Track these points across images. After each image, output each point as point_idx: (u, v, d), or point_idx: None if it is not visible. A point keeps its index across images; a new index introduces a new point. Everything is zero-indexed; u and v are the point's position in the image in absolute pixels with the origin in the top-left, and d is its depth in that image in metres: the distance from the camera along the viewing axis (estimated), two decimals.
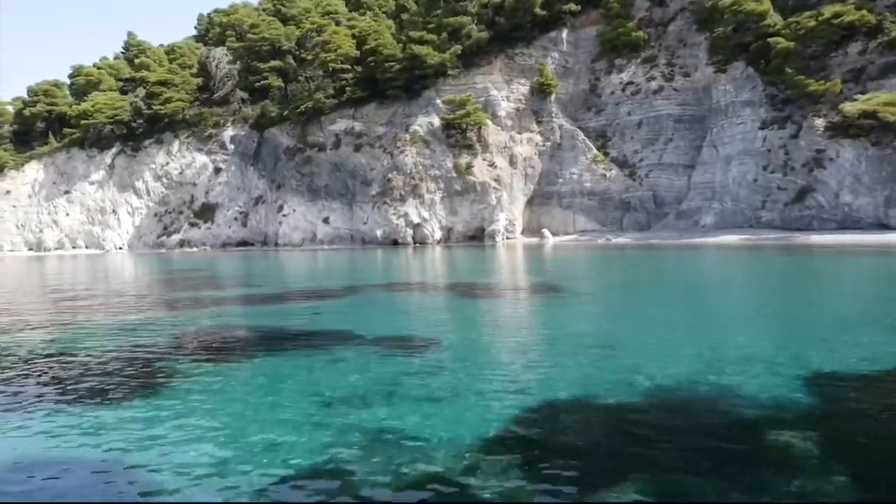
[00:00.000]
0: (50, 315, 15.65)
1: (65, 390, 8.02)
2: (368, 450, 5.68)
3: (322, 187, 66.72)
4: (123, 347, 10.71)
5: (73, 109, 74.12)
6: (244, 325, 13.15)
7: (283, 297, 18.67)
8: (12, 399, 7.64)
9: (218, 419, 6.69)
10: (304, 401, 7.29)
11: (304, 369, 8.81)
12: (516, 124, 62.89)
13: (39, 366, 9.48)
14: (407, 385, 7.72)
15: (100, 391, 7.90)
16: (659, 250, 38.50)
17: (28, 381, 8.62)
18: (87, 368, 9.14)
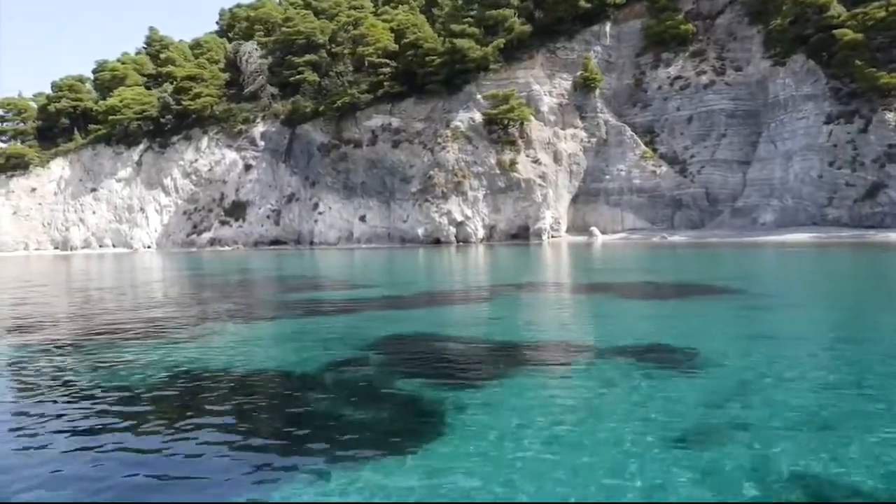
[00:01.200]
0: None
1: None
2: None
3: (358, 185, 65.13)
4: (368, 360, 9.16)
5: (100, 105, 72.49)
6: (458, 337, 11.15)
7: (438, 299, 16.95)
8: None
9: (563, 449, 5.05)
10: (657, 432, 5.54)
11: (615, 390, 7.20)
12: (559, 120, 61.32)
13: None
14: (756, 411, 6.11)
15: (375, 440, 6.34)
16: (731, 248, 36.86)
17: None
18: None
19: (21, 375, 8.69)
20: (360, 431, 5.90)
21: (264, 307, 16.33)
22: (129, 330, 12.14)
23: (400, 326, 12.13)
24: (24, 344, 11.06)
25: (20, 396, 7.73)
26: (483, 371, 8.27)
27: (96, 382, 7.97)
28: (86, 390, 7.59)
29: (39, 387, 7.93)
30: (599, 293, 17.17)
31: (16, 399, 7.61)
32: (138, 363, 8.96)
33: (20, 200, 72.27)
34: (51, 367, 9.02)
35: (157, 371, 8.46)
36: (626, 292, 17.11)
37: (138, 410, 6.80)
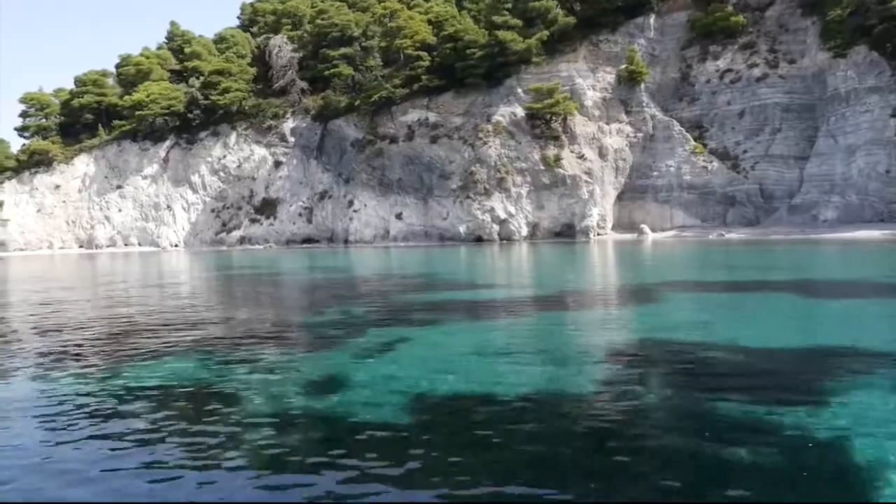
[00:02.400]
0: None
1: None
2: None
3: (394, 181, 63.40)
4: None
5: (126, 100, 70.71)
6: (714, 344, 9.59)
7: (603, 299, 15.34)
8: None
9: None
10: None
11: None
12: (603, 114, 59.69)
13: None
14: None
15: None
16: (807, 245, 35.09)
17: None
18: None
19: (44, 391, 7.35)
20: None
21: (414, 311, 14.62)
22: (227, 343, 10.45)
23: (625, 332, 10.45)
24: (43, 352, 9.48)
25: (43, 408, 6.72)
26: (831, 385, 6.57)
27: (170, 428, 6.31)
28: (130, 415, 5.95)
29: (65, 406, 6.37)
30: (780, 292, 15.48)
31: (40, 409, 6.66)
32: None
33: (44, 198, 70.53)
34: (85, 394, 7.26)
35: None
36: (806, 291, 15.43)
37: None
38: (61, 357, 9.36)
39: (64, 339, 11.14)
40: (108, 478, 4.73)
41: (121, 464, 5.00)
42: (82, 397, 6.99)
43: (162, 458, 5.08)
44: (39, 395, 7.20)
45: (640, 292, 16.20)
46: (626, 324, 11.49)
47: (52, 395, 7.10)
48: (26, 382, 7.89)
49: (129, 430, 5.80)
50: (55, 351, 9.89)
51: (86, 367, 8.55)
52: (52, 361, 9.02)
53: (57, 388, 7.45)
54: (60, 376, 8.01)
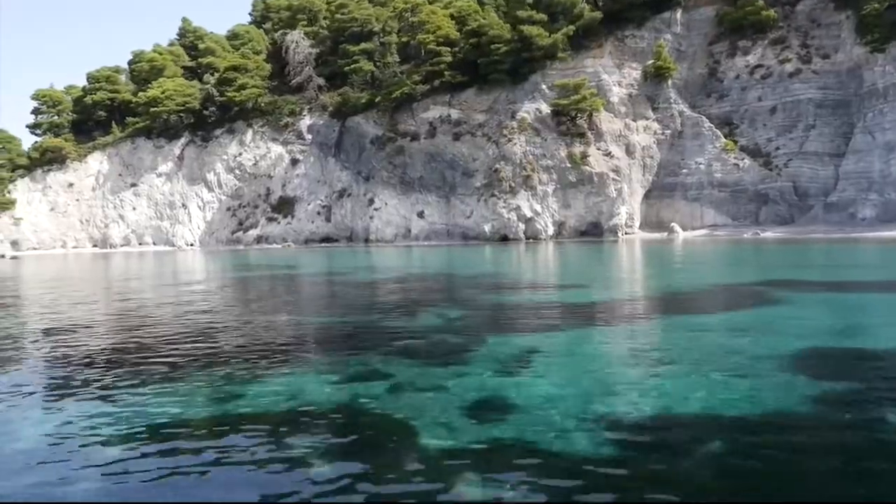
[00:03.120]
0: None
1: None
2: None
3: (416, 179, 62.27)
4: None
5: (140, 97, 69.50)
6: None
7: (724, 302, 14.29)
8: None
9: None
10: None
11: None
12: (630, 111, 58.55)
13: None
14: None
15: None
16: (850, 245, 33.94)
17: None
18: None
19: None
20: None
21: (516, 315, 13.46)
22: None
23: (777, 337, 9.30)
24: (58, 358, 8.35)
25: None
26: None
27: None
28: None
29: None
30: (890, 292, 14.36)
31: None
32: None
33: (57, 196, 69.36)
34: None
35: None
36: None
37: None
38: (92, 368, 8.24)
39: (95, 345, 10.04)
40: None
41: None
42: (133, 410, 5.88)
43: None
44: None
45: (750, 293, 15.05)
46: (768, 328, 10.30)
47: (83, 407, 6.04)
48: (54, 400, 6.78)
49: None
50: (84, 361, 8.77)
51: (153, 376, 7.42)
52: (80, 373, 7.90)
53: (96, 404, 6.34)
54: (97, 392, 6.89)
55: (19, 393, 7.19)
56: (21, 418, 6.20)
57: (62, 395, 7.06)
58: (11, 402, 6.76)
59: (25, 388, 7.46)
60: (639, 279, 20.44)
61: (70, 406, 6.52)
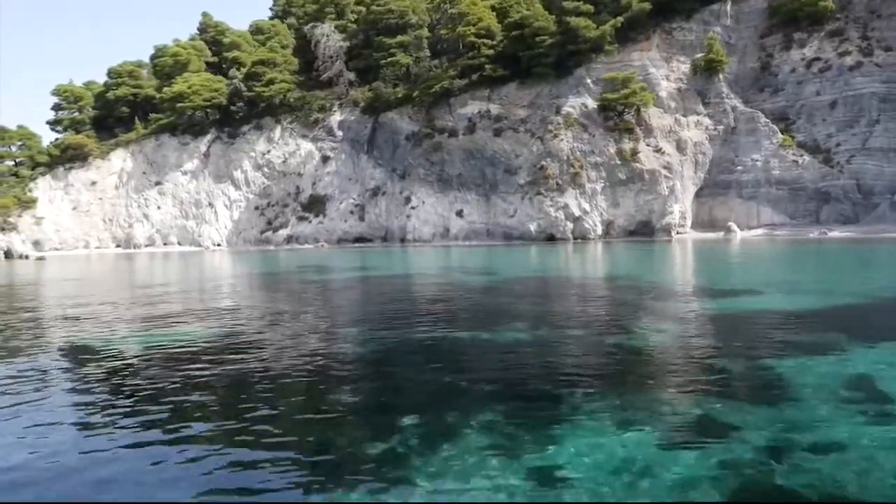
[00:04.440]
0: None
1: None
2: None
3: (454, 177, 60.02)
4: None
5: (165, 92, 67.18)
6: None
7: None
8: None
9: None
10: None
11: None
12: (679, 106, 56.39)
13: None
14: None
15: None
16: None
17: None
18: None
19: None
20: None
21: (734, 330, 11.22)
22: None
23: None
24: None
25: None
26: None
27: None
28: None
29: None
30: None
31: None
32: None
33: (80, 195, 67.03)
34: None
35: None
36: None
37: None
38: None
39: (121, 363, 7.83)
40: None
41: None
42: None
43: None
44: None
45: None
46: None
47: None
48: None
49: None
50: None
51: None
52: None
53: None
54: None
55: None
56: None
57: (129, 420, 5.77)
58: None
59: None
60: (818, 282, 18.04)
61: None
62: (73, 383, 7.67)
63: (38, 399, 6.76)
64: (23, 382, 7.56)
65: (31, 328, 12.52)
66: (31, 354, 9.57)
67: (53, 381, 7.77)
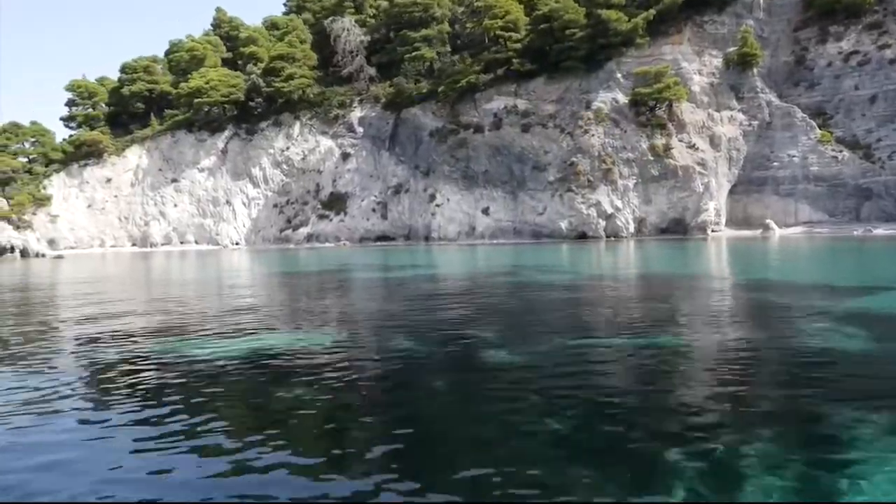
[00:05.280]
0: None
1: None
2: None
3: (480, 173, 58.69)
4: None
5: (182, 87, 65.83)
6: None
7: None
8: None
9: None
10: None
11: None
12: (713, 101, 55.07)
13: None
14: None
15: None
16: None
17: None
18: None
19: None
20: None
21: None
22: None
23: None
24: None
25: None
26: None
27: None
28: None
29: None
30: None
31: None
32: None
33: (95, 192, 65.67)
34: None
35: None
36: None
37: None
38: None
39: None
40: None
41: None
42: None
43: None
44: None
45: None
46: None
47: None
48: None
49: None
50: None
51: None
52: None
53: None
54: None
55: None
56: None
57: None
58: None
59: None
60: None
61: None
62: (147, 391, 6.42)
63: (74, 406, 6.09)
64: (55, 387, 6.74)
65: (72, 327, 11.18)
66: (60, 354, 8.28)
67: (103, 385, 6.90)
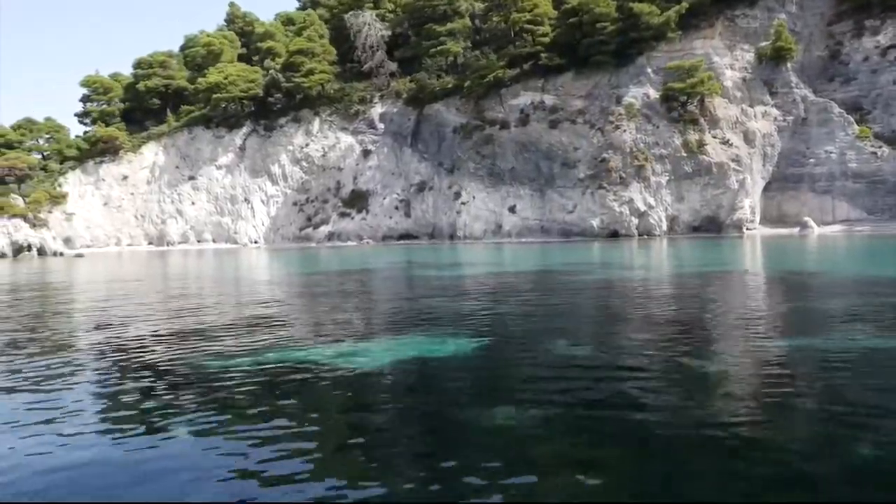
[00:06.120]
0: None
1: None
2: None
3: (506, 171, 57.52)
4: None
5: (200, 83, 64.56)
6: None
7: None
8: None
9: None
10: None
11: None
12: (745, 96, 53.95)
13: None
14: None
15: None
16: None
17: None
18: None
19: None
20: None
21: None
22: None
23: None
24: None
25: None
26: None
27: None
28: None
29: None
30: None
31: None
32: None
33: (111, 190, 64.39)
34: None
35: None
36: None
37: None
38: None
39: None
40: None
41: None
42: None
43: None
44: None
45: None
46: None
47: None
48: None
49: None
50: None
51: None
52: None
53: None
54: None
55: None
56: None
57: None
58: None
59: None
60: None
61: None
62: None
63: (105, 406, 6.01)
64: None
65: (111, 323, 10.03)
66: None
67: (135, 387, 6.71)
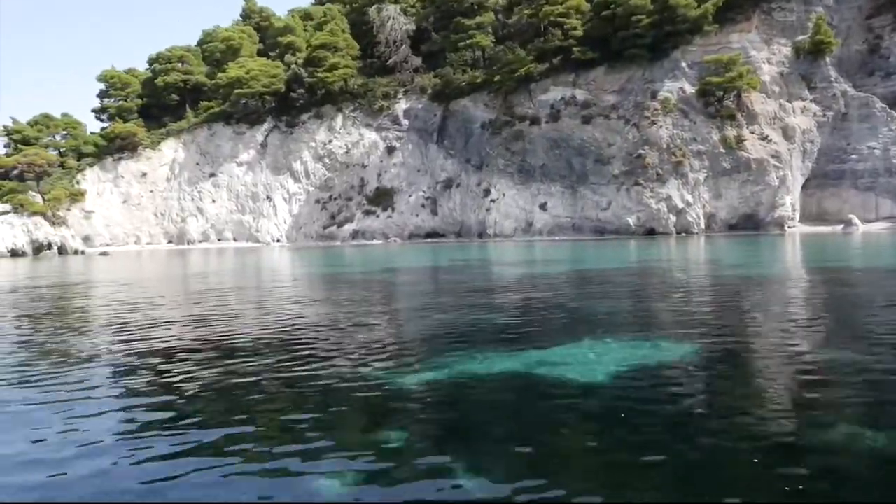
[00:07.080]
0: None
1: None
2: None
3: (537, 168, 56.31)
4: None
5: (220, 78, 63.24)
6: None
7: None
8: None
9: None
10: None
11: None
12: (783, 91, 52.79)
13: None
14: None
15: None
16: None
17: None
18: None
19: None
20: None
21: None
22: None
23: None
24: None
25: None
26: None
27: None
28: None
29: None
30: None
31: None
32: None
33: (130, 187, 63.08)
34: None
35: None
36: None
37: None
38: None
39: None
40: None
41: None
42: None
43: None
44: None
45: None
46: None
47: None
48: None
49: None
50: None
51: None
52: None
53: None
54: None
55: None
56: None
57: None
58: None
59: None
60: None
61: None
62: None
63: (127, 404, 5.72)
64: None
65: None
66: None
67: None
